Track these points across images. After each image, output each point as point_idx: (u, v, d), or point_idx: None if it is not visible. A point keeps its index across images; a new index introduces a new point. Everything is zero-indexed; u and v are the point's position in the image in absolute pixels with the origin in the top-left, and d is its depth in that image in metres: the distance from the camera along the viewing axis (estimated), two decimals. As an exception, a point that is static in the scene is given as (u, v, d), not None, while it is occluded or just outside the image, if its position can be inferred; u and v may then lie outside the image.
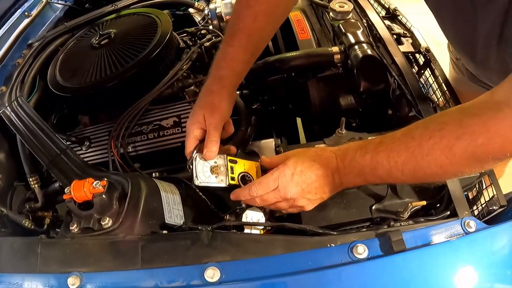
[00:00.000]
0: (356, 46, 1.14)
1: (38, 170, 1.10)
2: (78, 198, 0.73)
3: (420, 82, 1.09)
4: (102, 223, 0.74)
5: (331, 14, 1.27)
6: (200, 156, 0.84)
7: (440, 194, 0.86)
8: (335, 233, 0.76)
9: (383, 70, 1.10)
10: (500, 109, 0.59)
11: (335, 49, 1.17)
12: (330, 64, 1.18)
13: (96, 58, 1.19)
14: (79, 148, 1.13)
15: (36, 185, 1.07)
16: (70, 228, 0.75)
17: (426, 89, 1.13)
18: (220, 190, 0.88)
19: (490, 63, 0.91)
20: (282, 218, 0.93)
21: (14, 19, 1.49)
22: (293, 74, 1.23)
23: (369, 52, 1.12)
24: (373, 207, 0.87)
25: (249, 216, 0.82)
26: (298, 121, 1.41)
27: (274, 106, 1.30)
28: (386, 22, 1.27)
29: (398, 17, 1.36)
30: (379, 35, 1.19)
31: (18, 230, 1.02)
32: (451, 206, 0.80)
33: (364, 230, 0.78)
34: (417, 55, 1.21)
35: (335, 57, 1.16)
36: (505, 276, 0.72)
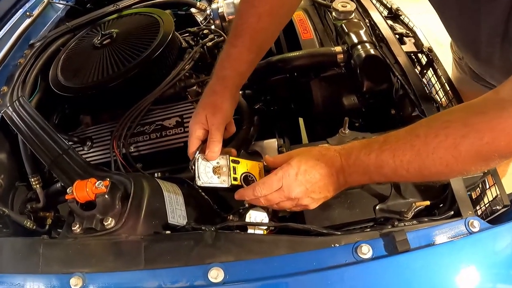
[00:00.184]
0: (359, 46, 1.14)
1: (40, 170, 1.10)
2: (80, 198, 0.73)
3: (422, 82, 1.09)
4: (105, 224, 0.73)
5: (334, 13, 1.27)
6: (202, 156, 0.83)
7: (443, 194, 0.86)
8: (339, 233, 0.75)
9: (386, 70, 1.10)
10: (505, 107, 0.59)
11: (338, 48, 1.17)
12: (333, 64, 1.18)
13: (98, 58, 1.19)
14: (81, 148, 1.12)
15: (37, 185, 1.07)
16: (73, 228, 0.74)
17: (429, 89, 1.12)
18: (222, 190, 0.88)
19: (494, 61, 0.91)
20: (285, 218, 0.92)
21: (16, 19, 1.49)
22: (295, 74, 1.23)
23: (372, 52, 1.12)
24: (376, 207, 0.87)
25: (252, 216, 0.82)
26: (300, 121, 1.40)
27: (277, 106, 1.30)
28: (389, 22, 1.26)
29: (401, 17, 1.36)
30: (382, 35, 1.19)
31: (20, 230, 1.01)
32: (455, 206, 0.80)
33: (368, 230, 0.78)
34: (419, 55, 1.21)
35: (338, 57, 1.16)
36: (509, 276, 0.71)
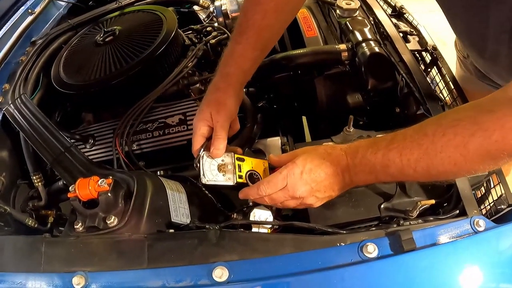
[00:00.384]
0: (363, 44, 1.13)
1: (42, 168, 1.09)
2: (83, 197, 0.72)
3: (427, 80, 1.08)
4: (108, 222, 0.73)
5: (338, 11, 1.27)
6: (207, 154, 0.83)
7: (448, 193, 0.85)
8: (345, 232, 0.75)
9: (391, 68, 1.09)
10: None
11: (343, 46, 1.16)
12: (337, 61, 1.18)
13: (100, 55, 1.19)
14: (83, 146, 1.12)
15: (39, 183, 1.06)
16: (75, 226, 0.74)
17: (433, 87, 1.12)
18: (227, 188, 0.87)
19: (501, 59, 0.90)
20: (288, 217, 0.92)
21: (18, 17, 1.49)
22: (299, 72, 1.22)
23: (376, 49, 1.11)
24: (381, 206, 0.86)
25: (256, 215, 0.81)
26: (303, 119, 1.40)
27: (280, 104, 1.29)
28: (393, 20, 1.26)
29: (405, 15, 1.36)
30: (386, 33, 1.18)
31: (22, 228, 1.00)
32: (460, 205, 0.80)
33: (373, 229, 0.77)
34: (423, 53, 1.20)
35: (343, 54, 1.16)
36: (515, 275, 0.71)
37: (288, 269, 0.69)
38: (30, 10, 1.51)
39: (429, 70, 1.16)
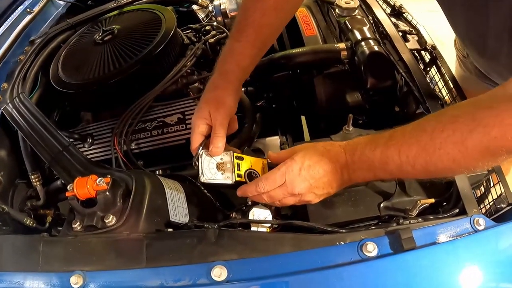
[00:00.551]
0: (363, 43, 1.13)
1: (40, 168, 1.09)
2: (81, 196, 0.72)
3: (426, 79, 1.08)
4: (106, 221, 0.72)
5: (337, 10, 1.27)
6: (206, 152, 0.82)
7: (448, 192, 0.85)
8: (344, 231, 0.74)
9: (391, 67, 1.09)
10: None
11: (342, 45, 1.16)
12: (336, 60, 1.18)
13: (99, 54, 1.18)
14: (82, 145, 1.11)
15: (38, 182, 1.06)
16: (73, 226, 0.74)
17: (432, 86, 1.12)
18: (225, 187, 0.87)
19: (501, 58, 0.90)
20: (287, 216, 0.91)
21: (16, 16, 1.48)
22: (298, 71, 1.22)
23: (376, 48, 1.11)
24: (381, 205, 0.86)
25: (255, 214, 0.81)
26: (302, 118, 1.40)
27: (279, 103, 1.29)
28: (392, 19, 1.26)
29: (404, 14, 1.35)
30: (386, 32, 1.18)
31: (20, 228, 1.00)
32: (460, 203, 0.79)
33: (373, 228, 0.77)
34: (423, 52, 1.20)
35: (342, 53, 1.15)
36: (515, 274, 0.70)
37: (287, 268, 0.68)
38: (28, 9, 1.50)
39: (428, 69, 1.16)
